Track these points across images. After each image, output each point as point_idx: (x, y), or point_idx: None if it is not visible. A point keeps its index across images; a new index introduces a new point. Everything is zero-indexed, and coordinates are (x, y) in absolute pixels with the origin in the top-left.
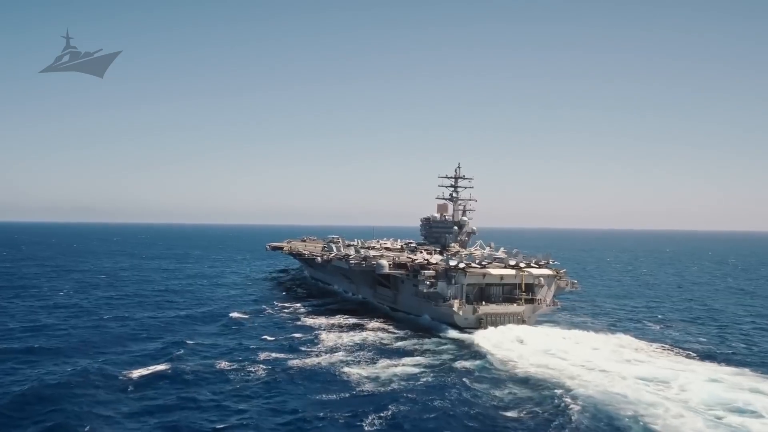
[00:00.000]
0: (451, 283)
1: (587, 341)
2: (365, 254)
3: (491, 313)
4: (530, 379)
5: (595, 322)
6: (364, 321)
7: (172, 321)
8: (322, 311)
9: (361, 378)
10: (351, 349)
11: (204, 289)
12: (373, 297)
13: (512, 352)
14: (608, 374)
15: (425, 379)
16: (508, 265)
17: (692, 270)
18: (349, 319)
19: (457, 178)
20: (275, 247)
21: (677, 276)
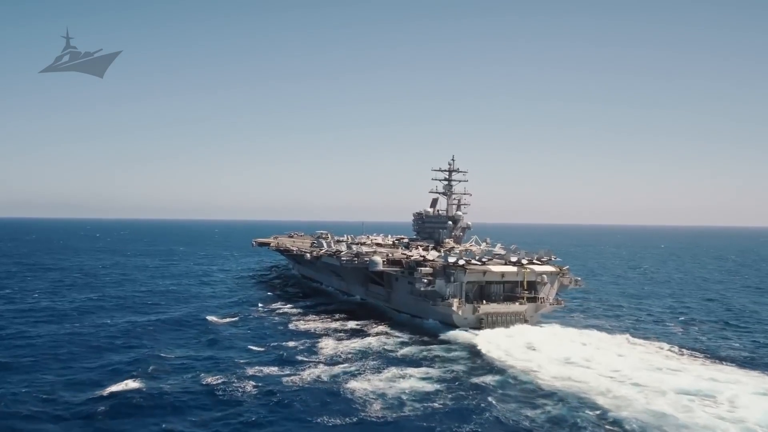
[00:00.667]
0: (450, 281)
1: (607, 346)
2: (357, 250)
3: (492, 313)
4: (558, 396)
5: (613, 323)
6: (362, 324)
7: (151, 327)
8: (316, 313)
9: (367, 395)
10: (352, 358)
11: (188, 290)
12: (365, 295)
13: (530, 362)
14: (643, 388)
15: (442, 401)
16: (509, 262)
17: (697, 266)
18: (346, 323)
19: (451, 171)
20: (262, 243)
21: (685, 273)
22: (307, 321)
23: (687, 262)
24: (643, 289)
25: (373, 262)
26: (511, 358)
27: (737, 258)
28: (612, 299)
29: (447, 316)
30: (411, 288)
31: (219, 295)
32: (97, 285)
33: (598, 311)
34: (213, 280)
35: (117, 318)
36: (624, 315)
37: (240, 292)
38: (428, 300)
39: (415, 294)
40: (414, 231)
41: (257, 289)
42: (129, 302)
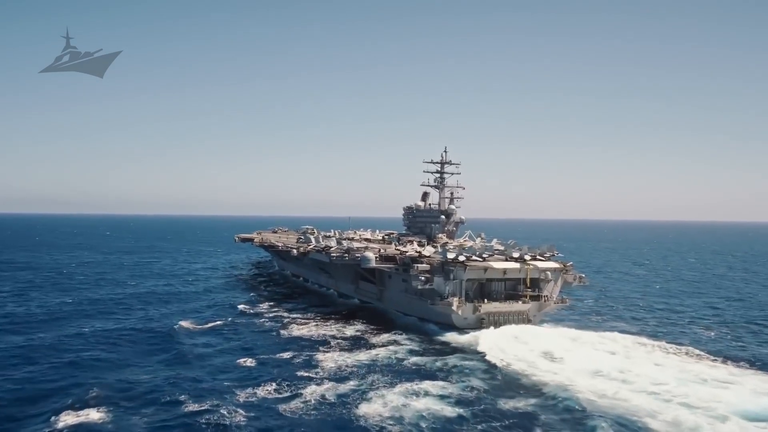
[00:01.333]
0: (449, 278)
1: (638, 353)
2: (348, 246)
3: (494, 312)
4: (605, 419)
5: (632, 325)
6: (361, 329)
7: (120, 338)
8: (308, 316)
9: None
10: (358, 373)
11: (167, 290)
12: (354, 293)
13: (557, 375)
14: (695, 410)
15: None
16: (510, 258)
17: (702, 262)
18: (344, 328)
19: (444, 164)
20: (245, 238)
21: (695, 270)
22: (300, 326)
23: (689, 257)
24: (655, 287)
25: (365, 258)
26: (536, 371)
27: (739, 253)
28: (623, 297)
29: (445, 316)
30: (406, 286)
31: (200, 297)
32: (68, 286)
33: (611, 311)
34: (195, 279)
35: (84, 326)
36: (642, 315)
37: (223, 293)
38: (425, 299)
39: (410, 292)
40: (404, 226)
41: (242, 288)
42: (99, 306)
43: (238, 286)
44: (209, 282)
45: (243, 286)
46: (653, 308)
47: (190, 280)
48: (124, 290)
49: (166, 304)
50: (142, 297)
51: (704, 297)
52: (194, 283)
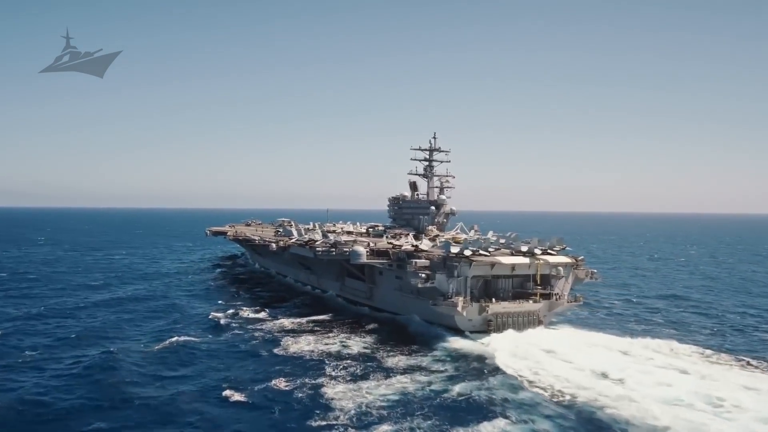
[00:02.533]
0: (452, 275)
1: (692, 366)
2: (335, 239)
3: (502, 313)
4: None
5: (666, 329)
6: (371, 342)
7: (81, 358)
8: (302, 325)
9: None
10: (386, 416)
11: (136, 295)
12: (339, 291)
13: (627, 402)
14: None
15: None
16: (518, 252)
17: (720, 258)
18: (349, 340)
19: (432, 151)
20: (217, 232)
21: (714, 265)
22: (296, 339)
23: (704, 250)
24: (673, 284)
25: (355, 253)
26: (592, 395)
27: (743, 247)
28: (641, 296)
29: (448, 317)
30: (400, 284)
31: (166, 304)
32: (7, 288)
33: (631, 311)
34: (172, 279)
35: (11, 345)
36: (672, 318)
37: (193, 298)
38: (424, 298)
39: (405, 291)
40: (390, 217)
41: (216, 290)
42: (41, 319)
43: (211, 287)
44: (178, 283)
45: (217, 287)
46: (675, 309)
47: (155, 281)
48: (88, 296)
49: (131, 313)
50: (93, 306)
51: (735, 295)
52: (160, 285)
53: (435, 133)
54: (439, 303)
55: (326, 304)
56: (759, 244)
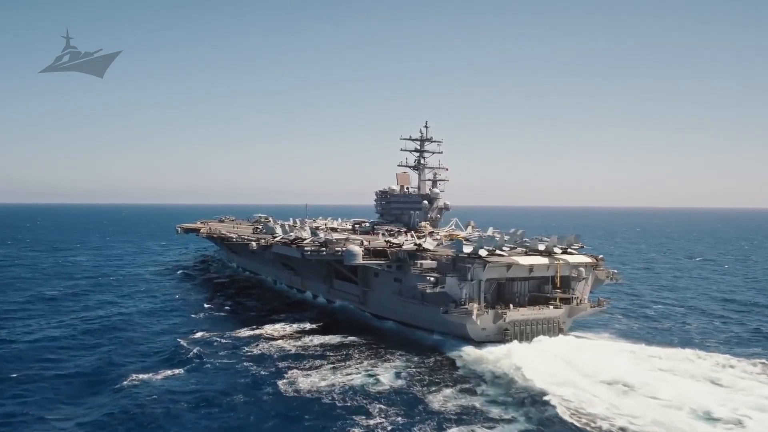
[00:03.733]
0: (465, 278)
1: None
2: (326, 237)
3: (520, 321)
4: None
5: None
6: (413, 373)
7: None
8: (307, 348)
9: None
10: None
11: (100, 302)
12: (327, 294)
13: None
14: None
15: None
16: (533, 251)
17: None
18: (376, 368)
19: (424, 141)
20: (189, 229)
21: (747, 264)
22: (304, 369)
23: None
24: (699, 285)
25: (349, 253)
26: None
27: (748, 243)
28: (670, 300)
29: (459, 326)
30: (399, 287)
31: (151, 313)
32: None
33: (661, 316)
34: (143, 284)
35: None
36: (716, 324)
37: (181, 306)
38: (430, 305)
39: (405, 295)
40: (377, 213)
41: (201, 295)
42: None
43: (193, 291)
44: (152, 287)
45: (200, 290)
46: (712, 313)
47: (132, 286)
48: (41, 310)
49: (103, 332)
50: (66, 319)
51: None
52: (137, 291)
53: (427, 122)
54: (451, 310)
55: (324, 313)
56: None
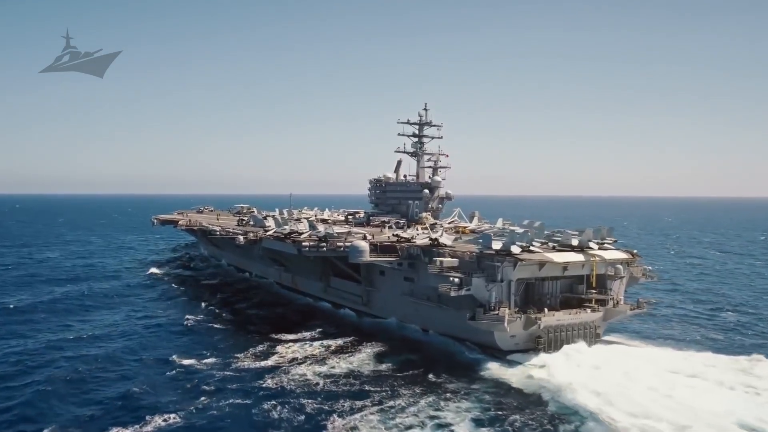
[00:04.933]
0: (495, 279)
1: None
2: (326, 231)
3: (555, 326)
4: None
5: None
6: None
7: None
8: (346, 380)
9: None
10: None
11: (67, 313)
12: (323, 293)
13: None
14: None
15: None
16: (565, 246)
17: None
18: (447, 414)
19: (423, 125)
20: (167, 220)
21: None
22: (344, 415)
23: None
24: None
25: (355, 249)
26: None
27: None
28: (714, 299)
29: (484, 334)
30: (410, 287)
31: (128, 328)
32: None
33: (704, 318)
34: (118, 287)
35: None
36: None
37: (150, 324)
38: (450, 308)
39: (418, 297)
40: (371, 203)
41: (181, 303)
42: None
43: (171, 300)
44: (130, 293)
45: (179, 299)
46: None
47: (105, 288)
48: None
49: (70, 355)
50: (22, 332)
51: None
52: (111, 296)
53: (426, 104)
54: (479, 316)
55: (337, 322)
56: None
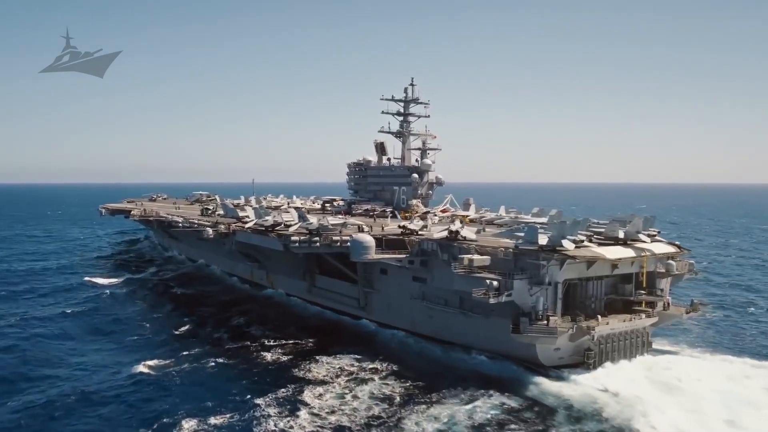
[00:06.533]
0: (541, 282)
1: None
2: (320, 223)
3: (608, 336)
4: None
5: None
6: None
7: None
8: (373, 417)
9: None
10: None
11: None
12: (306, 293)
13: None
14: None
15: None
16: (610, 239)
17: None
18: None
19: (409, 102)
20: (117, 210)
21: None
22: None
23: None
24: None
25: (358, 244)
26: None
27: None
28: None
29: (525, 347)
30: (422, 290)
31: (80, 347)
32: None
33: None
34: (66, 292)
35: None
36: None
37: (105, 344)
38: (480, 316)
39: (432, 301)
40: (350, 189)
41: (142, 312)
42: None
43: (131, 309)
44: (89, 297)
45: (142, 308)
46: None
47: (48, 296)
48: None
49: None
50: None
51: None
52: (59, 304)
53: (413, 79)
54: (526, 328)
55: (346, 332)
56: None
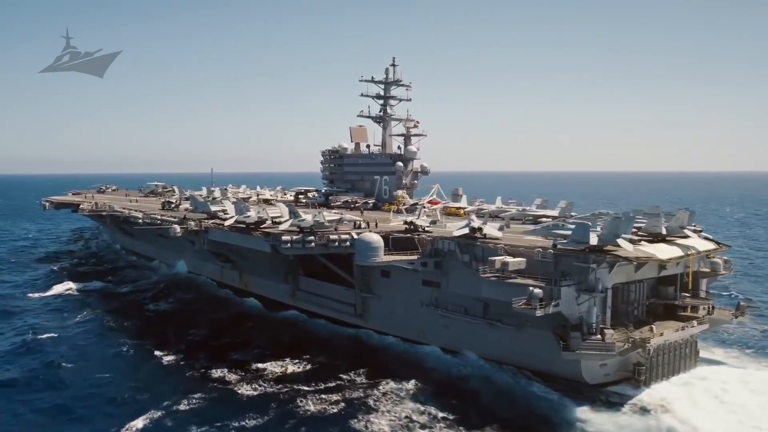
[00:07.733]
0: (594, 288)
1: None
2: (315, 219)
3: (660, 347)
4: None
5: None
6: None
7: None
8: None
9: None
10: None
11: None
12: (290, 298)
13: None
14: None
15: None
16: (653, 236)
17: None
18: None
19: (389, 84)
20: (62, 203)
21: None
22: None
23: None
24: None
25: (366, 245)
26: None
27: None
28: None
29: (568, 364)
30: (434, 295)
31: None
32: None
33: None
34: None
35: None
36: None
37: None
38: (510, 327)
39: (448, 309)
40: (325, 179)
41: (110, 332)
42: None
43: (96, 330)
44: (40, 311)
45: (108, 325)
46: None
47: None
48: None
49: None
50: None
51: None
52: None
53: (394, 59)
54: (577, 344)
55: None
56: None
